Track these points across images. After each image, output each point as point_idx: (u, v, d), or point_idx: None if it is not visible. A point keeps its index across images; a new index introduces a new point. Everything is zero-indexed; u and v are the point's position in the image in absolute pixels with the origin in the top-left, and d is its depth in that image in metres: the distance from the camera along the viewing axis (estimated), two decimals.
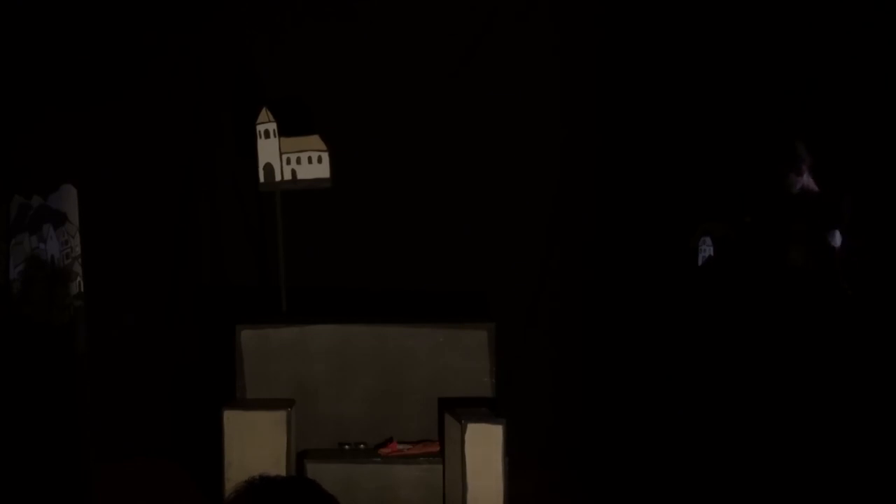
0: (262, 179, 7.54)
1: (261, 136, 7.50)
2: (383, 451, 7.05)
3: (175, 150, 8.12)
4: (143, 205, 8.05)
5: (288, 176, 7.54)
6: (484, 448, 6.68)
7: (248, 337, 7.23)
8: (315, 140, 7.56)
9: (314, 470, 6.86)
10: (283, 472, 6.72)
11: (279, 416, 6.86)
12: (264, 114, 7.50)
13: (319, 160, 7.54)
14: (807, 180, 6.70)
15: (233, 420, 6.85)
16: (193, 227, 8.21)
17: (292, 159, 7.54)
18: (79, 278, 6.76)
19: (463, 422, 6.71)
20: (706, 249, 6.84)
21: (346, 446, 7.13)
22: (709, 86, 7.83)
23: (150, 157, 8.06)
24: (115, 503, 7.02)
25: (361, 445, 7.12)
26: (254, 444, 6.79)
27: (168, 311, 8.20)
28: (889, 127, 7.29)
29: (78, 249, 6.74)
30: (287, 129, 7.55)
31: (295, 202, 7.75)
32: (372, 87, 8.11)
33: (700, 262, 6.83)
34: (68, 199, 6.64)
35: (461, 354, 7.20)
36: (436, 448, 7.05)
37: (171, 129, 8.10)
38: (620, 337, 8.05)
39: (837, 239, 6.50)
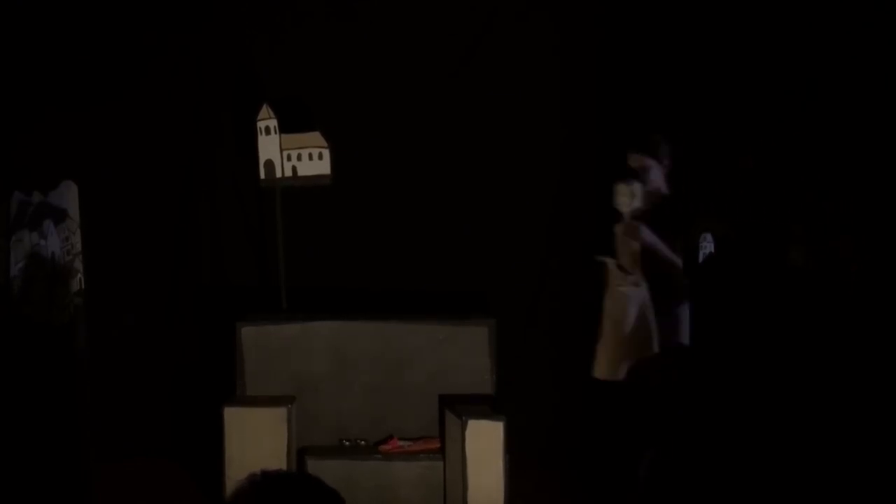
0: (262, 176, 7.55)
1: (261, 133, 7.51)
2: (384, 447, 7.04)
3: (175, 147, 8.13)
4: (143, 202, 8.06)
5: (288, 172, 7.55)
6: (484, 445, 6.68)
7: (249, 334, 7.22)
8: (316, 137, 7.57)
9: (314, 467, 6.85)
10: (283, 469, 6.71)
11: (279, 412, 6.86)
12: (265, 110, 7.50)
13: (320, 157, 7.55)
14: (658, 180, 6.62)
15: (233, 417, 6.85)
16: (194, 224, 8.22)
17: (293, 156, 7.54)
18: (79, 275, 6.75)
19: (463, 418, 6.71)
20: (706, 247, 6.84)
21: (347, 443, 7.13)
22: (707, 84, 7.85)
23: (150, 155, 8.06)
24: (115, 501, 6.99)
25: (362, 442, 7.12)
26: (254, 440, 6.78)
27: (169, 309, 8.20)
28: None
29: (78, 246, 6.74)
30: (288, 127, 7.56)
31: (295, 201, 7.75)
32: (372, 88, 8.12)
33: (700, 260, 6.83)
34: (69, 196, 6.64)
35: (462, 351, 7.19)
36: (436, 445, 7.05)
37: (171, 127, 8.11)
38: None
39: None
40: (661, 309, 6.70)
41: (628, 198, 6.67)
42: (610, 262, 6.85)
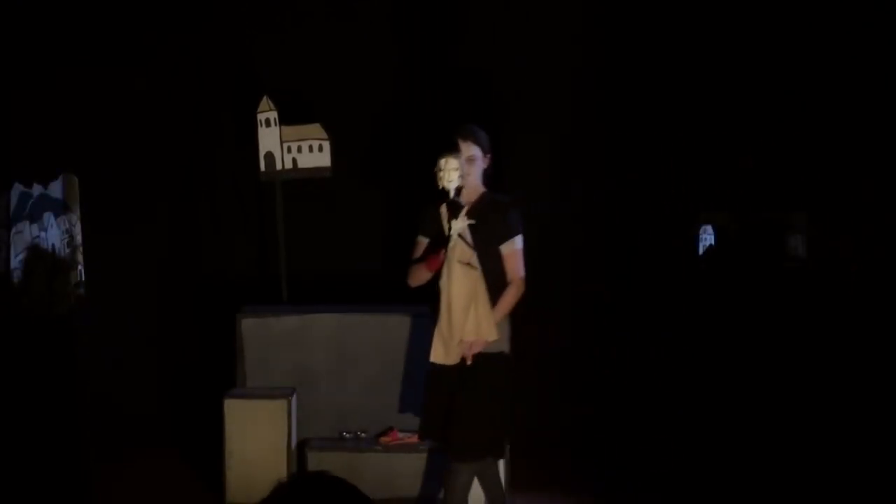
0: (262, 168, 7.54)
1: (262, 125, 7.50)
2: (384, 439, 7.04)
3: (176, 139, 8.14)
4: (144, 194, 8.07)
5: (289, 164, 7.54)
6: None
7: (249, 325, 7.23)
8: (316, 129, 7.55)
9: (315, 459, 6.88)
10: (283, 461, 6.74)
11: (280, 404, 6.86)
12: (265, 102, 7.49)
13: (320, 149, 7.54)
14: (479, 175, 6.11)
15: (234, 409, 6.85)
16: (194, 216, 8.21)
17: (293, 148, 7.53)
18: (79, 267, 6.76)
19: None
20: (707, 239, 6.82)
21: (347, 435, 7.13)
22: (709, 76, 7.86)
23: (150, 147, 8.07)
24: (115, 492, 7.00)
25: (362, 434, 7.12)
26: (255, 432, 6.80)
27: (169, 301, 8.20)
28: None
29: (79, 238, 6.74)
30: (288, 118, 7.55)
31: (296, 192, 7.75)
32: (373, 83, 8.11)
33: (701, 252, 6.81)
34: (69, 188, 6.64)
35: None
36: None
37: (171, 119, 8.12)
38: (621, 328, 8.04)
39: None
40: None
41: (459, 171, 5.95)
42: (459, 226, 5.95)
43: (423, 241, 6.18)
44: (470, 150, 6.03)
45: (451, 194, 5.94)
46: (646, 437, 7.82)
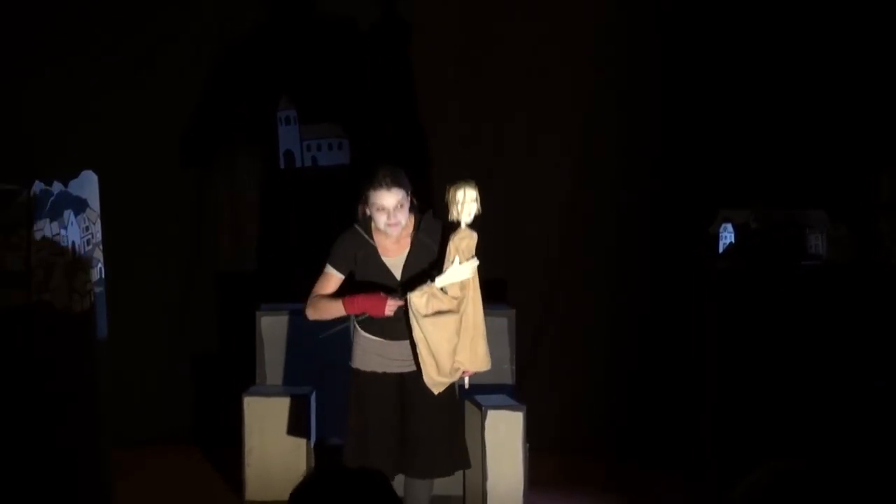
0: (282, 166, 7.55)
1: (281, 123, 7.51)
2: None
3: (195, 137, 8.14)
4: (163, 191, 8.08)
5: (308, 162, 7.55)
6: (504, 434, 6.68)
7: (269, 323, 7.24)
8: (335, 127, 7.56)
9: (332, 455, 6.88)
10: (302, 458, 6.75)
11: (299, 402, 6.87)
12: (285, 100, 7.50)
13: (340, 147, 7.55)
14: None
15: (253, 406, 6.87)
16: (213, 213, 8.21)
17: (313, 146, 7.54)
18: (100, 264, 6.76)
19: (483, 408, 6.71)
20: (727, 237, 6.79)
21: None
22: (724, 73, 7.84)
23: (170, 144, 8.08)
24: (135, 490, 7.03)
25: None
26: (274, 430, 6.82)
27: (188, 298, 8.22)
28: None
29: (99, 235, 6.74)
30: (308, 117, 7.55)
31: (315, 190, 7.76)
32: (390, 80, 8.11)
33: (720, 250, 6.78)
34: (89, 186, 6.64)
35: None
36: None
37: (191, 115, 8.12)
38: (640, 326, 8.03)
39: None
40: None
41: (478, 203, 5.74)
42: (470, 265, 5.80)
43: (334, 276, 5.96)
44: (397, 196, 5.77)
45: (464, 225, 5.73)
46: (661, 438, 7.81)
